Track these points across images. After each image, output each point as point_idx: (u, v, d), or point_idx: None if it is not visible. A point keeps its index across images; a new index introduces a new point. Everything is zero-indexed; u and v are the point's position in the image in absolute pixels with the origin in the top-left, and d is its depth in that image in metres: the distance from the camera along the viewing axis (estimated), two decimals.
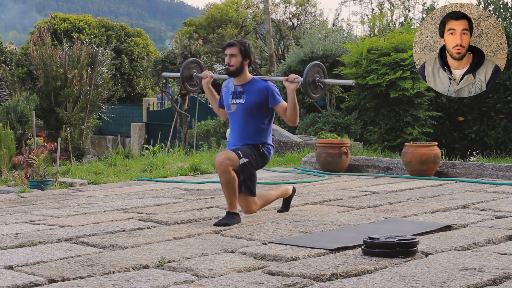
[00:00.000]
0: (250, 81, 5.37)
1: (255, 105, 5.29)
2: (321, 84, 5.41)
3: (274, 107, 5.32)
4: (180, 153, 11.41)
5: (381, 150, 11.66)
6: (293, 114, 5.29)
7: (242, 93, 5.34)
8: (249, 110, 5.30)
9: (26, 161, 8.14)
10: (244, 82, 5.36)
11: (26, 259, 4.03)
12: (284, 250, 4.17)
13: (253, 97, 5.30)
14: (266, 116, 5.35)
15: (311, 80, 5.35)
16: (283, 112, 5.31)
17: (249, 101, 5.31)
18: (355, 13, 47.87)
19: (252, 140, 5.33)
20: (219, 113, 5.67)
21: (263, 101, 5.30)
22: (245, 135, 5.34)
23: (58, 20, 30.49)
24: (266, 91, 5.30)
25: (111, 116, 20.37)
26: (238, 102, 5.35)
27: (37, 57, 13.10)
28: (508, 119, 12.14)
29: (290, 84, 5.29)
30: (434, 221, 5.18)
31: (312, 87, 5.37)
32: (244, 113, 5.32)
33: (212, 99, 5.69)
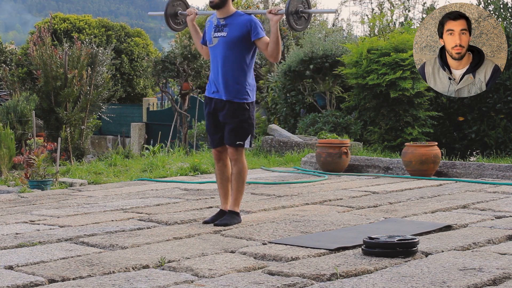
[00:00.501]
0: (233, 14, 5.25)
1: (237, 38, 5.16)
2: (304, 15, 5.28)
3: (256, 41, 5.18)
4: (180, 153, 11.41)
5: (381, 150, 11.65)
6: (275, 48, 5.16)
7: (225, 26, 5.22)
8: (230, 43, 5.17)
9: (26, 161, 8.14)
10: (227, 15, 5.24)
11: (26, 259, 4.03)
12: (284, 250, 4.17)
13: (235, 30, 5.18)
14: (248, 51, 5.21)
15: (294, 10, 5.23)
16: (265, 47, 5.17)
17: (231, 34, 5.18)
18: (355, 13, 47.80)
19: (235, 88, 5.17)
20: (202, 51, 5.53)
21: (246, 35, 5.17)
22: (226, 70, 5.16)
23: (58, 20, 30.48)
24: (249, 24, 5.18)
25: (111, 116, 20.35)
26: (220, 35, 5.22)
27: (37, 57, 13.09)
28: (508, 119, 12.13)
29: (273, 16, 5.16)
30: (434, 221, 5.18)
31: (295, 17, 5.25)
32: (225, 46, 5.18)
33: (196, 36, 5.57)
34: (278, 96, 14.92)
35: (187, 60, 18.91)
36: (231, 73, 5.18)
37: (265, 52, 5.20)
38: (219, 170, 5.35)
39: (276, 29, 5.14)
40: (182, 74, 19.05)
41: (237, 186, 5.25)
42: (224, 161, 5.34)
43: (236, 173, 5.24)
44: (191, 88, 19.13)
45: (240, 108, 5.19)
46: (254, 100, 5.30)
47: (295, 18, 5.26)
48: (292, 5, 5.22)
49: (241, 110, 5.19)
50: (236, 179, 5.24)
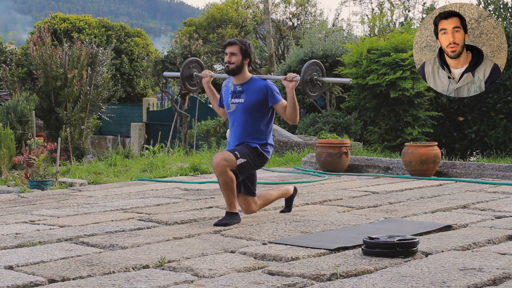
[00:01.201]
0: (249, 80, 5.36)
1: (255, 105, 5.29)
2: (319, 83, 5.40)
3: (274, 106, 5.31)
4: (180, 153, 11.41)
5: (381, 150, 11.66)
6: (293, 112, 5.28)
7: (242, 93, 5.34)
8: (248, 110, 5.30)
9: (26, 161, 8.14)
10: (243, 82, 5.36)
11: (26, 259, 4.03)
12: (284, 250, 4.17)
13: (252, 97, 5.30)
14: (265, 115, 5.34)
15: (309, 78, 5.35)
16: (283, 111, 5.30)
17: (248, 101, 5.30)
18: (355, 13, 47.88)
19: (251, 139, 5.32)
20: (220, 112, 5.68)
21: (263, 100, 5.29)
22: (245, 134, 5.33)
23: (58, 20, 30.49)
24: (265, 90, 5.30)
25: (111, 116, 20.37)
26: (238, 101, 5.35)
27: (37, 57, 13.09)
28: (508, 119, 12.14)
29: (289, 83, 5.29)
30: (434, 221, 5.18)
31: (310, 85, 5.36)
32: (243, 112, 5.32)
33: (213, 98, 5.69)
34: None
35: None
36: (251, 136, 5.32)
37: (284, 116, 5.33)
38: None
39: (292, 95, 5.25)
40: None
41: (227, 194, 5.24)
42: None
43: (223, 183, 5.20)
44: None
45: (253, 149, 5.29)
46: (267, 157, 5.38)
47: (310, 86, 5.39)
48: (307, 73, 5.35)
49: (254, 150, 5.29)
50: (225, 189, 5.22)
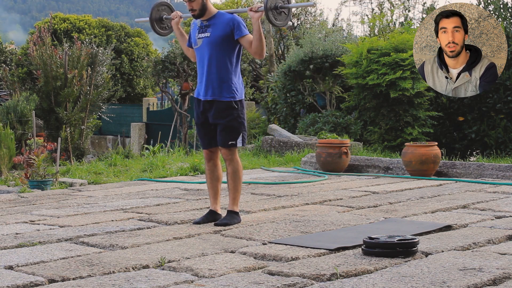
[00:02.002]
0: (215, 14, 5.28)
1: (221, 38, 5.19)
2: (284, 10, 5.29)
3: (240, 39, 5.20)
4: (180, 153, 11.41)
5: (381, 150, 11.66)
6: (259, 45, 5.16)
7: (208, 27, 5.25)
8: (214, 43, 5.20)
9: (26, 161, 8.14)
10: (209, 16, 5.27)
11: (26, 259, 4.03)
12: (284, 250, 4.17)
13: (218, 30, 5.21)
14: (232, 50, 5.23)
15: (273, 5, 5.25)
16: (248, 45, 5.19)
17: (214, 34, 5.21)
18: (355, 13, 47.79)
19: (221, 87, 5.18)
20: (189, 54, 5.56)
21: (229, 33, 5.20)
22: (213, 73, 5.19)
23: (58, 20, 30.49)
24: (231, 23, 5.21)
25: (111, 116, 20.36)
26: (204, 36, 5.25)
27: (37, 57, 13.09)
28: (508, 119, 12.13)
29: (254, 14, 5.19)
30: (434, 221, 5.18)
31: (275, 13, 5.25)
32: (210, 46, 5.21)
33: (182, 39, 5.60)
34: (278, 96, 14.92)
35: (187, 60, 18.91)
36: (216, 72, 5.21)
37: (250, 50, 5.21)
38: (209, 170, 5.36)
39: (258, 26, 5.16)
40: (182, 74, 19.06)
41: (234, 185, 5.26)
42: (214, 161, 5.35)
43: (231, 172, 5.25)
44: (191, 88, 19.14)
45: (228, 107, 5.21)
46: (242, 98, 5.30)
47: (275, 14, 5.27)
48: (271, 1, 5.24)
49: (229, 109, 5.21)
50: (232, 178, 5.25)
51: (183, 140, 18.40)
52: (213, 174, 5.34)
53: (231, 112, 5.21)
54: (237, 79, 5.27)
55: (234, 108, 5.22)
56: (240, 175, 5.27)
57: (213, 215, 5.28)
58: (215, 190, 5.34)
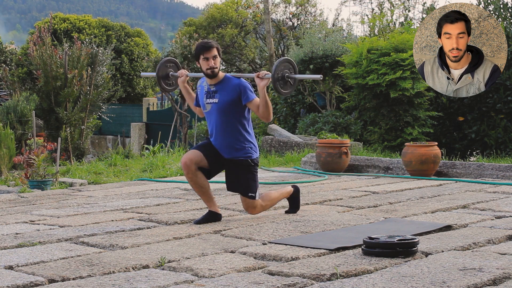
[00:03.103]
0: (222, 79, 5.33)
1: (229, 104, 5.26)
2: (290, 80, 5.36)
3: (247, 104, 5.27)
4: (180, 153, 11.41)
5: (381, 150, 11.66)
6: (265, 111, 5.23)
7: (216, 92, 5.32)
8: (223, 109, 5.27)
9: (26, 161, 8.14)
10: (217, 81, 5.33)
11: (26, 259, 4.03)
12: (284, 250, 4.17)
13: (226, 96, 5.27)
14: (241, 113, 5.31)
15: (280, 75, 5.31)
16: (256, 109, 5.26)
17: (222, 100, 5.28)
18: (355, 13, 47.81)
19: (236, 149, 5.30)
20: (197, 111, 5.64)
21: (236, 99, 5.26)
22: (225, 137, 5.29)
23: (58, 20, 30.50)
24: (238, 88, 5.26)
25: (111, 116, 20.36)
26: (212, 101, 5.32)
27: (37, 57, 13.09)
28: (508, 119, 12.14)
29: (260, 81, 5.25)
30: (434, 221, 5.17)
31: (281, 82, 5.32)
32: (219, 112, 5.30)
33: (189, 97, 5.68)
34: (278, 96, 14.93)
35: (187, 60, 18.91)
36: (229, 138, 5.31)
37: (257, 114, 5.30)
38: (191, 180, 5.30)
39: (264, 94, 5.23)
40: None
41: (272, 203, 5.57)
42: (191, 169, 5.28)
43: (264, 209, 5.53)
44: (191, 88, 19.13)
45: (246, 165, 5.33)
46: (258, 157, 5.43)
47: (281, 84, 5.35)
48: (278, 70, 5.31)
49: (247, 166, 5.33)
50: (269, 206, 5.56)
51: (183, 140, 18.40)
52: (197, 184, 5.32)
53: (248, 169, 5.34)
54: (250, 138, 5.38)
55: (251, 166, 5.36)
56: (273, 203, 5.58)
57: (213, 216, 5.30)
58: (207, 196, 5.35)
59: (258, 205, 5.40)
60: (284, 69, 5.34)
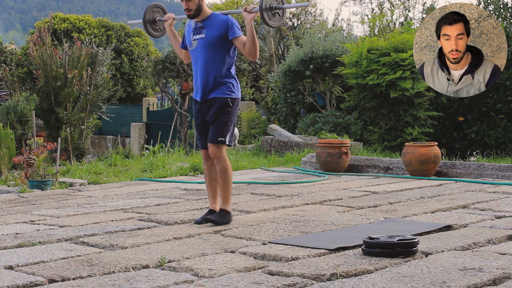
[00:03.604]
0: (209, 15, 5.29)
1: (216, 39, 5.20)
2: (278, 12, 5.30)
3: (233, 40, 5.21)
4: (180, 153, 11.41)
5: (381, 150, 11.66)
6: (252, 47, 5.18)
7: (203, 28, 5.26)
8: (209, 44, 5.21)
9: (26, 161, 8.14)
10: (204, 18, 5.28)
11: (26, 259, 4.03)
12: (284, 250, 4.17)
13: (213, 31, 5.22)
14: (227, 50, 5.24)
15: (268, 6, 5.26)
16: (242, 46, 5.20)
17: (209, 35, 5.22)
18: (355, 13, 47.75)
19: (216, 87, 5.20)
20: (182, 55, 5.57)
21: (223, 35, 5.20)
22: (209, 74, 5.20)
23: (58, 20, 30.50)
24: (225, 24, 5.21)
25: (111, 116, 20.37)
26: (199, 37, 5.27)
27: (37, 57, 13.09)
28: (508, 119, 12.13)
29: (248, 15, 5.21)
30: (434, 221, 5.17)
31: (269, 14, 5.27)
32: (205, 47, 5.23)
33: (175, 41, 5.62)
34: (278, 96, 14.93)
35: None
36: (212, 72, 5.22)
37: (243, 51, 5.23)
38: (208, 169, 5.35)
39: (251, 27, 5.17)
40: (182, 74, 19.05)
41: (224, 184, 5.25)
42: (212, 160, 5.33)
43: (220, 171, 5.24)
44: (191, 88, 19.13)
45: (223, 104, 5.21)
46: (238, 97, 5.31)
47: (270, 15, 5.29)
48: (265, 1, 5.25)
49: (224, 107, 5.22)
50: (221, 177, 5.24)
51: (183, 140, 18.40)
52: (211, 174, 5.34)
53: (225, 109, 5.22)
54: (232, 78, 5.29)
55: (228, 106, 5.23)
56: (229, 174, 5.26)
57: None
58: (214, 190, 5.35)
59: (223, 157, 5.20)
60: (272, 0, 5.28)
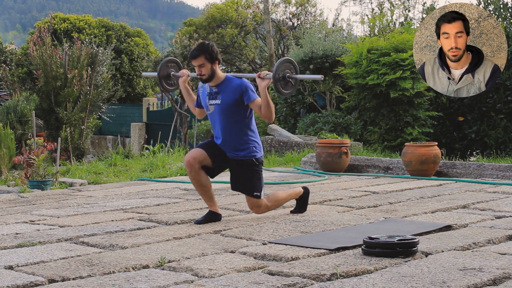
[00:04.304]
0: (224, 80, 5.33)
1: (231, 104, 5.26)
2: (291, 80, 5.35)
3: (249, 104, 5.27)
4: (180, 153, 11.41)
5: (381, 150, 11.66)
6: (267, 111, 5.24)
7: (218, 93, 5.31)
8: (226, 110, 5.28)
9: (26, 161, 8.14)
10: (218, 82, 5.33)
11: (26, 259, 4.03)
12: (284, 250, 4.17)
13: (228, 96, 5.27)
14: (244, 113, 5.31)
15: (281, 76, 5.31)
16: (258, 109, 5.26)
17: (225, 101, 5.28)
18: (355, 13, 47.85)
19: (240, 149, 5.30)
20: (196, 112, 5.64)
21: (238, 99, 5.26)
22: (229, 137, 5.29)
23: (58, 20, 30.50)
24: (240, 88, 5.26)
25: (111, 116, 20.37)
26: (215, 102, 5.32)
27: (37, 57, 13.09)
28: (508, 119, 12.13)
29: (262, 81, 5.25)
30: (434, 221, 5.17)
31: (282, 83, 5.32)
32: (222, 113, 5.30)
33: (189, 98, 5.67)
34: (278, 96, 14.93)
35: (187, 60, 18.91)
36: (233, 138, 5.30)
37: (259, 113, 5.30)
38: (194, 179, 5.30)
39: (265, 94, 5.22)
40: None
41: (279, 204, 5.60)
42: (195, 167, 5.26)
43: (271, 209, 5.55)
44: (191, 88, 19.13)
45: (251, 165, 5.33)
46: (262, 155, 5.42)
47: (282, 84, 5.34)
48: (280, 70, 5.30)
49: (252, 166, 5.33)
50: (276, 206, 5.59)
51: (183, 140, 18.40)
52: (200, 182, 5.31)
53: (253, 169, 5.34)
54: (254, 137, 5.38)
55: (256, 165, 5.35)
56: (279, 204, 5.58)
57: (214, 216, 5.30)
58: (208, 195, 5.35)
59: (263, 204, 5.39)
60: (285, 69, 5.34)
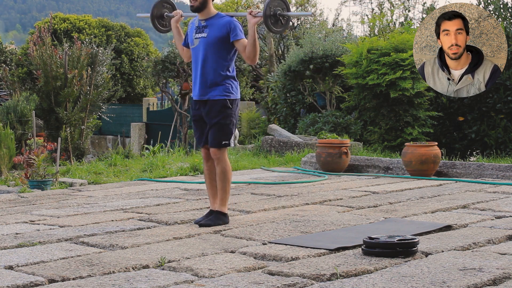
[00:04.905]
0: (214, 15, 5.29)
1: (217, 39, 5.21)
2: (282, 18, 5.30)
3: (235, 42, 5.21)
4: (180, 153, 11.41)
5: (381, 150, 11.65)
6: (252, 50, 5.18)
7: (206, 27, 5.27)
8: (211, 44, 5.21)
9: (26, 161, 8.14)
10: (208, 17, 5.28)
11: (26, 259, 4.03)
12: (284, 250, 4.17)
13: (215, 31, 5.22)
14: (227, 51, 5.24)
15: (272, 12, 5.26)
16: (243, 49, 5.20)
17: (211, 35, 5.22)
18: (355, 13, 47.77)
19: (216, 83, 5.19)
20: (183, 53, 5.57)
21: (225, 35, 5.21)
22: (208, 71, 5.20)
23: (58, 20, 30.50)
24: (228, 25, 5.22)
25: (111, 116, 20.36)
26: (201, 36, 5.27)
27: (37, 57, 13.09)
28: (508, 119, 12.13)
29: (252, 18, 5.21)
30: (434, 221, 5.18)
31: (272, 20, 5.26)
32: (206, 47, 5.23)
33: (178, 38, 5.61)
34: (278, 96, 14.93)
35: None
36: (212, 72, 5.22)
37: (243, 54, 5.23)
38: (208, 169, 5.35)
39: (253, 32, 5.17)
40: (182, 74, 19.05)
41: (223, 185, 5.26)
42: (213, 161, 5.32)
43: (220, 172, 5.24)
44: (191, 88, 19.12)
45: (223, 106, 5.22)
46: (237, 98, 5.31)
47: (273, 21, 5.29)
48: (270, 7, 5.25)
49: (223, 108, 5.22)
50: (221, 179, 5.25)
51: (183, 140, 18.40)
52: (211, 174, 5.34)
53: (224, 111, 5.22)
54: (232, 79, 5.28)
55: (228, 107, 5.23)
56: (229, 176, 5.27)
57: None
58: (214, 190, 5.34)
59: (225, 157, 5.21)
60: (277, 7, 5.27)
